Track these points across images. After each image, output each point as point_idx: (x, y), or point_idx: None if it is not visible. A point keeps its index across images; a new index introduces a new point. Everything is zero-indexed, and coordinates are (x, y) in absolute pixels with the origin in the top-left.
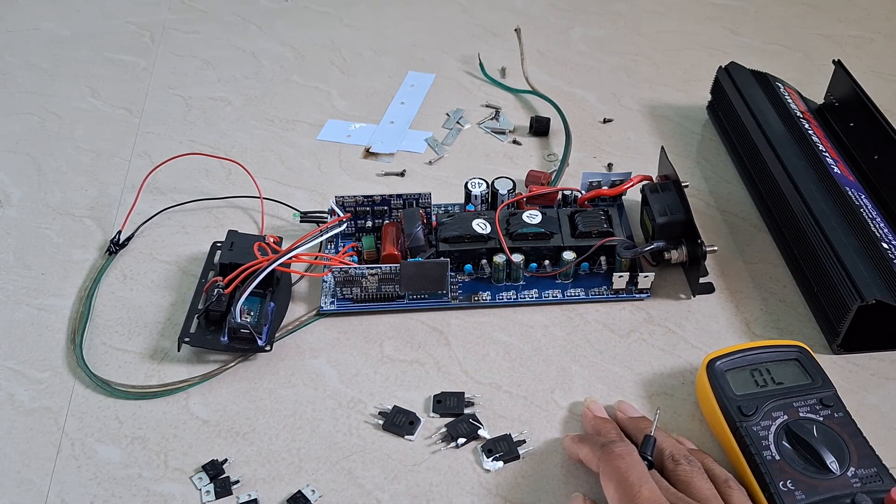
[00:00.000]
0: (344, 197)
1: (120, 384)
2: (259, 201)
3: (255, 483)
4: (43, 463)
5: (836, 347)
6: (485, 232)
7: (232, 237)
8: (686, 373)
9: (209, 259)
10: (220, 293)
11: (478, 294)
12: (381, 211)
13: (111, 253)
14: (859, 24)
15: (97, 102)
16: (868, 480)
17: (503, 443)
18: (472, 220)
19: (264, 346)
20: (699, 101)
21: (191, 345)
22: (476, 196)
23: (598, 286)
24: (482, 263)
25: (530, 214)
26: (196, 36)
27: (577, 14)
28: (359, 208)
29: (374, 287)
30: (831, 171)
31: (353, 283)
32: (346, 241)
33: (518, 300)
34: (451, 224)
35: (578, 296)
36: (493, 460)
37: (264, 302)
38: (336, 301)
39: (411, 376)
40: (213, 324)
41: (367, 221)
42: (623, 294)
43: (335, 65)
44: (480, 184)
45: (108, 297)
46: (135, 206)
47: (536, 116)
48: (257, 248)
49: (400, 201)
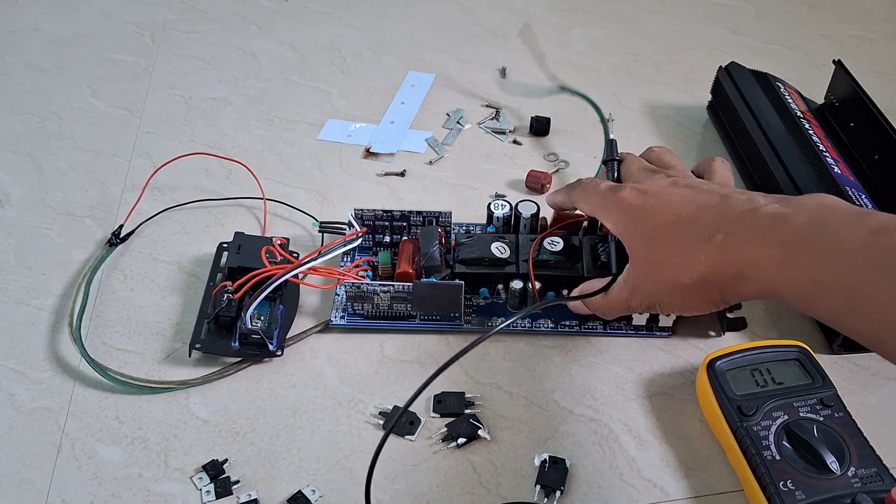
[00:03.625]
0: (363, 210)
1: (117, 372)
2: (260, 201)
3: (255, 483)
4: (43, 463)
5: (836, 347)
6: (504, 256)
7: (239, 239)
8: (686, 373)
9: (216, 261)
10: (230, 298)
11: (492, 320)
12: (399, 226)
13: (112, 245)
14: (859, 24)
15: (97, 102)
16: (868, 480)
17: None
18: (492, 243)
19: (275, 350)
20: (699, 101)
21: (202, 351)
22: (498, 218)
23: (617, 321)
24: (498, 288)
25: (552, 241)
26: (196, 36)
27: (577, 14)
28: (377, 222)
29: (386, 305)
30: (831, 171)
31: (364, 299)
32: (361, 254)
33: (533, 328)
34: (470, 245)
35: (596, 328)
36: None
37: (274, 306)
38: (346, 316)
39: (411, 376)
40: (224, 329)
41: (385, 236)
42: (644, 331)
43: (335, 65)
44: (504, 205)
45: (109, 297)
46: (138, 202)
47: (536, 116)
48: (265, 254)
49: (420, 218)
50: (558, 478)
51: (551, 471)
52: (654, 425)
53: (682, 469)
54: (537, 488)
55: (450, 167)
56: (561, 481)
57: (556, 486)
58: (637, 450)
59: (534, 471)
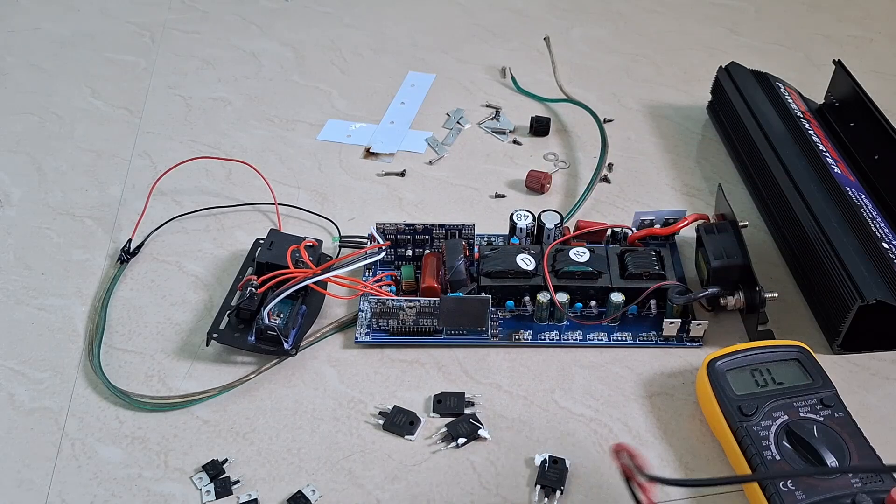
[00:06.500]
0: (385, 224)
1: (140, 395)
2: (266, 205)
3: (255, 483)
4: (43, 463)
5: (836, 347)
6: (529, 268)
7: (273, 236)
8: (686, 373)
9: (249, 255)
10: (253, 292)
11: (518, 332)
12: (422, 240)
13: (123, 262)
14: (859, 24)
15: (97, 102)
16: (868, 480)
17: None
18: (517, 255)
19: (290, 349)
20: (699, 101)
21: (219, 342)
22: (521, 229)
23: (646, 331)
24: (525, 300)
25: (578, 252)
26: (196, 36)
27: (577, 14)
28: (399, 236)
29: (412, 320)
30: (831, 171)
31: (389, 315)
32: (384, 268)
33: (560, 342)
34: (494, 258)
35: (626, 340)
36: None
37: (295, 305)
38: (372, 332)
39: (411, 376)
40: (244, 322)
41: (408, 250)
42: (674, 341)
43: (335, 65)
44: (527, 216)
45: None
46: (144, 212)
47: (536, 116)
48: (290, 254)
49: (442, 231)
50: (558, 478)
51: (551, 471)
52: (654, 425)
53: (682, 469)
54: (537, 488)
55: (450, 167)
56: (561, 481)
57: (556, 486)
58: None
59: (534, 471)
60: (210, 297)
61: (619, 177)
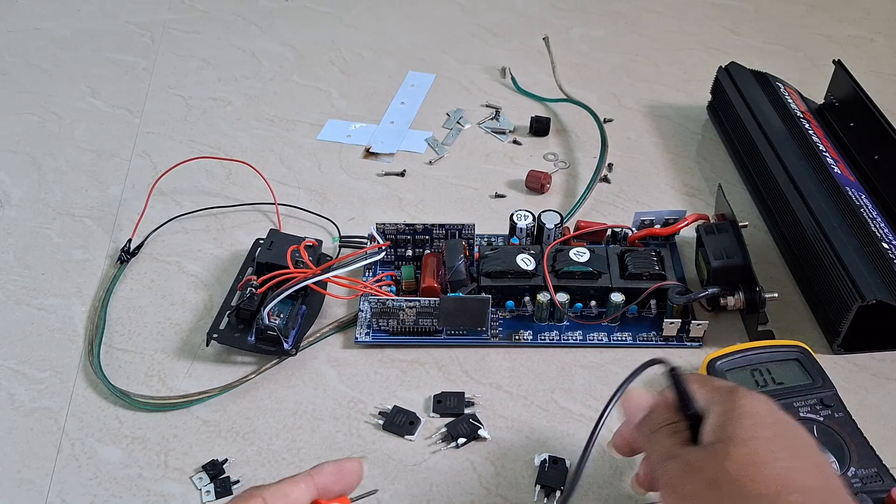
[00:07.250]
0: (385, 224)
1: (140, 395)
2: (266, 205)
3: (254, 483)
4: (43, 463)
5: (836, 347)
6: (529, 268)
7: (272, 236)
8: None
9: (249, 255)
10: (253, 292)
11: (518, 333)
12: (422, 240)
13: (123, 262)
14: (859, 24)
15: (97, 102)
16: (868, 480)
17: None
18: (517, 255)
19: (290, 349)
20: (699, 101)
21: (218, 342)
22: (521, 229)
23: (646, 331)
24: (525, 300)
25: (578, 252)
26: (196, 36)
27: (577, 14)
28: (399, 236)
29: (412, 320)
30: (831, 171)
31: (389, 315)
32: (384, 268)
33: (560, 342)
34: (494, 258)
35: (626, 340)
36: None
37: (295, 305)
38: (372, 332)
39: (411, 376)
40: (244, 322)
41: (408, 250)
42: (674, 342)
43: (335, 65)
44: (527, 216)
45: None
46: (144, 212)
47: (536, 116)
48: (290, 255)
49: (442, 231)
50: (558, 478)
51: (551, 471)
52: None
53: None
54: (537, 488)
55: (450, 167)
56: (561, 481)
57: (556, 486)
58: None
59: (534, 471)
60: (210, 297)
61: (619, 177)
